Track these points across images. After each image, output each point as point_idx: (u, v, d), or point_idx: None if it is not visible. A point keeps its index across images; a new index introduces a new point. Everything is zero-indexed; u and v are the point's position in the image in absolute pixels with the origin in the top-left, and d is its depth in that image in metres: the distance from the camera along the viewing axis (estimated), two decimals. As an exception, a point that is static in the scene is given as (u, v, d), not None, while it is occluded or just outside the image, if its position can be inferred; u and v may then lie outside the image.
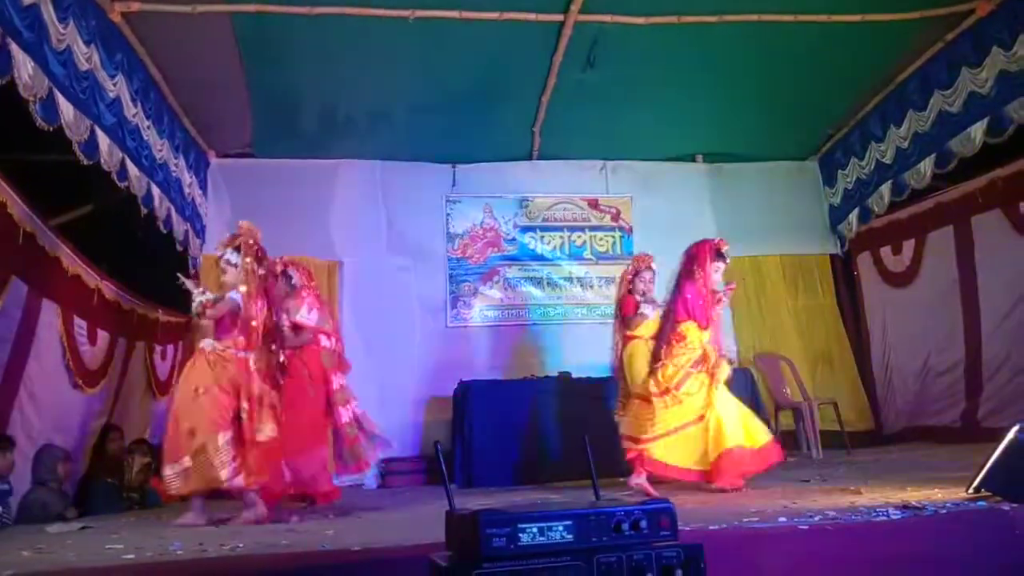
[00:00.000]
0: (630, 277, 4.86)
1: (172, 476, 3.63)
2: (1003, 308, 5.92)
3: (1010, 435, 2.69)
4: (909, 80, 6.35)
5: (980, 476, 2.75)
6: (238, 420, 3.68)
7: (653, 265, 4.91)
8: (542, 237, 7.42)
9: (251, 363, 3.72)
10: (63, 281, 4.82)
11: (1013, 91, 5.23)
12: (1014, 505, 2.53)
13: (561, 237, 7.45)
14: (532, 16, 5.39)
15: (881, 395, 7.31)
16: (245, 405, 3.67)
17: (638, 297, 4.77)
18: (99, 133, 4.49)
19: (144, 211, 5.45)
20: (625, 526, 1.20)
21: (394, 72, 5.96)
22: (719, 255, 4.40)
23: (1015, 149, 5.63)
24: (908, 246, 6.98)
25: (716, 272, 4.39)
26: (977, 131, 5.65)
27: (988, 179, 6.05)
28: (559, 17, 5.41)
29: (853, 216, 7.42)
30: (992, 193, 6.02)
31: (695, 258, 4.39)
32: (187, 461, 3.60)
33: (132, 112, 4.99)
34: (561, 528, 1.18)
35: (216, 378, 3.70)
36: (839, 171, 7.55)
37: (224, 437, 3.62)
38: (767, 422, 6.16)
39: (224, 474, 3.59)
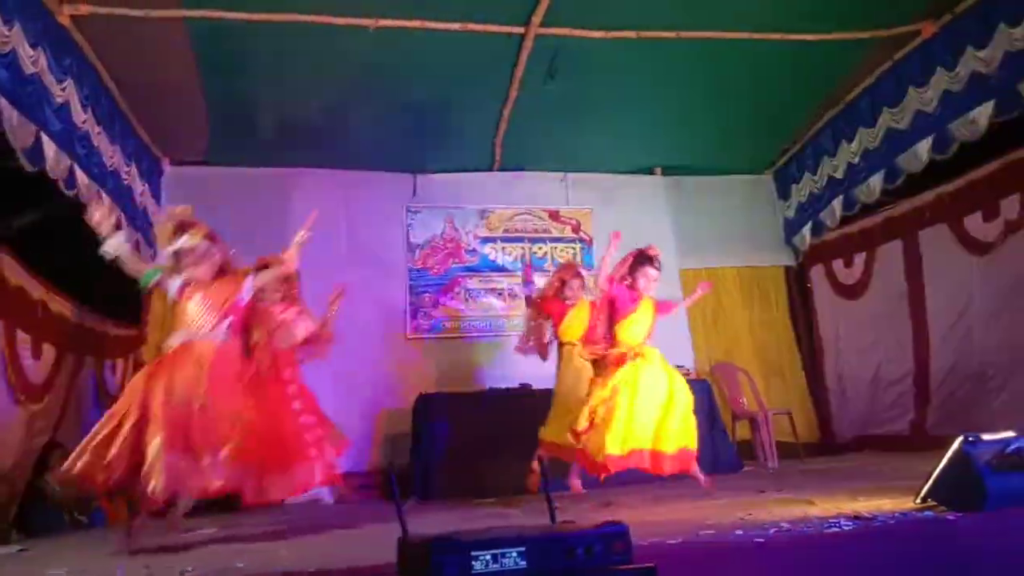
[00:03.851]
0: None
1: None
2: (949, 320, 6.11)
3: (954, 446, 2.76)
4: (859, 98, 6.53)
5: (927, 487, 2.83)
6: None
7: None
8: (503, 248, 7.42)
9: None
10: (5, 294, 4.64)
11: (956, 110, 5.42)
12: (958, 515, 2.60)
13: (522, 248, 7.46)
14: (494, 28, 5.41)
15: (835, 404, 7.46)
16: None
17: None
18: (45, 139, 4.35)
19: (93, 220, 5.29)
20: (579, 551, 1.19)
21: (355, 80, 5.92)
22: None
23: (959, 166, 5.84)
24: (859, 259, 7.17)
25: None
26: (923, 148, 5.83)
27: (935, 195, 6.26)
28: (520, 29, 5.44)
29: (807, 229, 7.59)
30: (938, 208, 6.23)
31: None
32: None
33: (82, 118, 4.85)
34: (515, 555, 1.17)
35: None
36: (793, 185, 7.72)
37: None
38: (724, 432, 6.28)
39: None
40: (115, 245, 3.61)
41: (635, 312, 4.45)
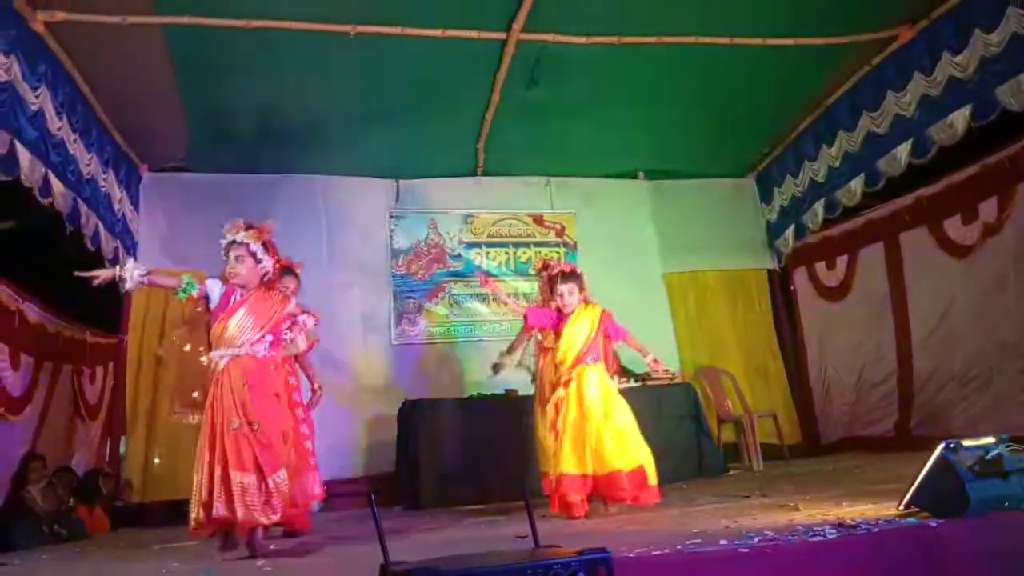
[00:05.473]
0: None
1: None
2: (930, 322, 6.16)
3: (936, 453, 2.77)
4: (839, 102, 6.57)
5: (909, 493, 2.83)
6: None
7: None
8: (487, 253, 7.40)
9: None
10: (-20, 304, 4.56)
11: (933, 114, 5.48)
12: (940, 521, 2.61)
13: (507, 253, 7.45)
14: (475, 34, 5.39)
15: (819, 406, 7.50)
16: None
17: None
18: (19, 147, 4.28)
19: (70, 228, 5.22)
20: (561, 578, 1.17)
21: (335, 86, 5.87)
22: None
23: (938, 169, 5.90)
24: (841, 262, 7.22)
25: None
26: (902, 152, 5.88)
27: (914, 198, 6.31)
28: (502, 35, 5.43)
29: (789, 232, 7.62)
30: (918, 211, 6.28)
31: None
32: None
33: (57, 126, 4.77)
34: (496, 583, 1.15)
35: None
36: (775, 188, 7.75)
37: None
38: (709, 435, 6.29)
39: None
40: (130, 270, 3.47)
41: (564, 329, 4.33)
